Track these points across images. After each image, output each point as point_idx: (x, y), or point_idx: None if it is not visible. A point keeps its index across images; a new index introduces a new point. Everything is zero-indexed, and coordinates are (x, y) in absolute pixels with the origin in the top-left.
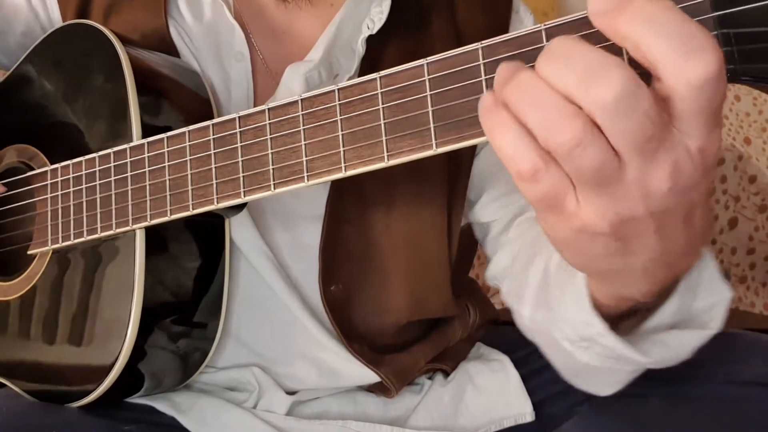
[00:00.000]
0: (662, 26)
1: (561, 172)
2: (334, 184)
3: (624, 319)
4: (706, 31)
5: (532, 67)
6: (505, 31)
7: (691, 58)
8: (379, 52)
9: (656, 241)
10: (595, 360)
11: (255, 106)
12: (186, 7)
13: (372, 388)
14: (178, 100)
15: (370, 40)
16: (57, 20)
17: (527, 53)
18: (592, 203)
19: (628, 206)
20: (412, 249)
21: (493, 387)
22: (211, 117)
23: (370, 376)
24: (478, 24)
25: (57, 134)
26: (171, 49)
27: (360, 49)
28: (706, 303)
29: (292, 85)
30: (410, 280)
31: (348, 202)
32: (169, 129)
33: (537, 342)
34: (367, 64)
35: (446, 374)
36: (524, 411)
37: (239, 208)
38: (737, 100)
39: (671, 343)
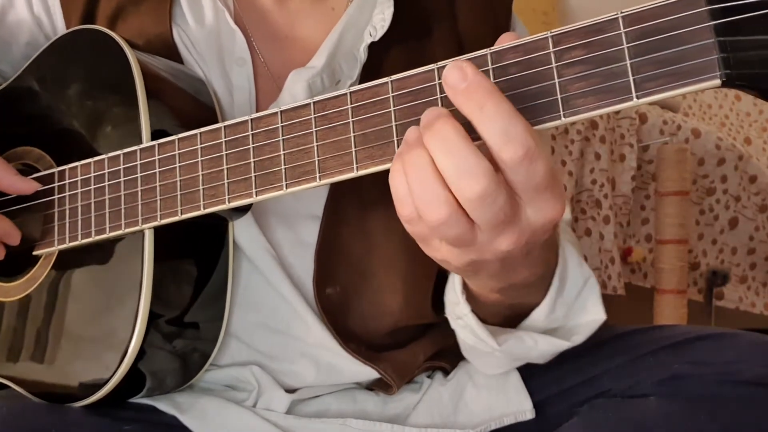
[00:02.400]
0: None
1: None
2: (333, 186)
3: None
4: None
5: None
6: None
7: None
8: (380, 60)
9: (500, 268)
10: (470, 339)
11: (258, 110)
12: (189, 12)
13: (372, 386)
14: (185, 106)
15: (372, 47)
16: (61, 28)
17: (534, 59)
18: (450, 251)
19: (478, 256)
20: (408, 252)
21: (492, 384)
22: (216, 123)
23: (370, 373)
24: (478, 33)
25: (63, 137)
26: (174, 55)
27: (362, 56)
28: (581, 320)
29: (295, 91)
30: (406, 284)
31: (347, 204)
32: (176, 134)
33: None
34: (369, 71)
35: (446, 373)
36: (524, 408)
37: (244, 210)
38: (738, 100)
39: (526, 340)
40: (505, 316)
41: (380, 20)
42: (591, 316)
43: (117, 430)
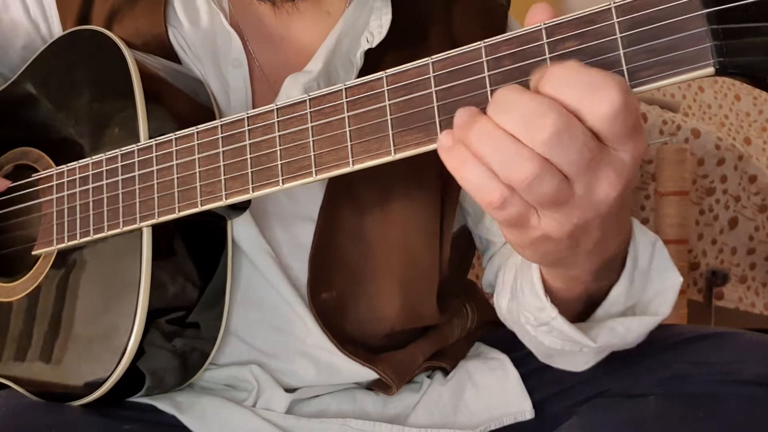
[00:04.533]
0: (568, 81)
1: (524, 197)
2: (329, 190)
3: (586, 309)
4: (603, 72)
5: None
6: None
7: (597, 98)
8: (376, 65)
9: (599, 233)
10: (556, 343)
11: None
12: (183, 14)
13: (372, 386)
14: (182, 106)
15: (369, 52)
16: (57, 31)
17: (528, 50)
18: (551, 218)
19: (581, 215)
20: (406, 256)
21: (492, 385)
22: None
23: (369, 373)
24: (474, 38)
25: (62, 137)
26: (171, 56)
27: (359, 61)
28: (657, 287)
29: (291, 95)
30: (403, 288)
31: (342, 209)
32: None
33: (515, 331)
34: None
35: (446, 373)
36: (523, 408)
37: (242, 209)
38: (737, 100)
39: (618, 329)
40: (580, 312)
41: (377, 26)
42: (668, 281)
43: (117, 429)
